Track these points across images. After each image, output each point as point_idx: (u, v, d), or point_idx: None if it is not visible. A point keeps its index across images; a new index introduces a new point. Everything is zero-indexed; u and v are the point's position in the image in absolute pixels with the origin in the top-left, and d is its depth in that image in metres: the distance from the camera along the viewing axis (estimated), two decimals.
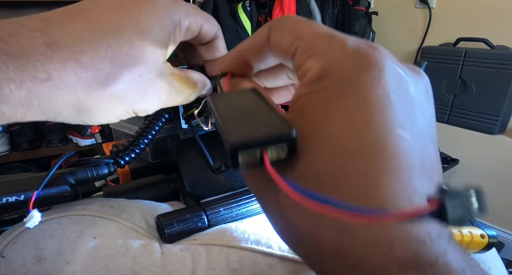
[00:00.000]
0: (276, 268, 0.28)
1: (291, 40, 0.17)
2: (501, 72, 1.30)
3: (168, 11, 0.22)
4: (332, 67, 0.15)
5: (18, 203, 0.27)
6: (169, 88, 0.23)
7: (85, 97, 0.20)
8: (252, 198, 0.34)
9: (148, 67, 0.21)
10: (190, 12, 0.23)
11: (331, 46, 0.15)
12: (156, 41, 0.21)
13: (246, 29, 1.72)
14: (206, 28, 0.25)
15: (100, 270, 0.26)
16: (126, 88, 0.21)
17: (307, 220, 0.14)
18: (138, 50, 0.20)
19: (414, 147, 0.14)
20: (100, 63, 0.19)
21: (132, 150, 0.33)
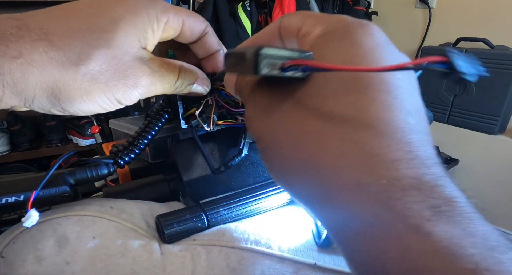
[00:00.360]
0: (276, 268, 0.28)
1: (299, 19, 0.19)
2: (501, 72, 1.29)
3: (142, 5, 0.22)
4: (332, 28, 0.18)
5: (18, 203, 0.28)
6: (149, 71, 0.23)
7: (58, 77, 0.20)
8: (251, 198, 0.34)
9: (122, 50, 0.21)
10: (168, 8, 0.23)
11: (332, 18, 0.18)
12: (130, 26, 0.22)
13: (246, 29, 1.72)
14: (189, 24, 0.25)
15: (99, 270, 0.26)
16: (101, 69, 0.21)
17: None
18: (110, 33, 0.21)
19: (404, 82, 0.16)
20: (71, 43, 0.20)
21: (132, 150, 0.33)
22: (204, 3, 1.70)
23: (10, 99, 0.19)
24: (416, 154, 0.14)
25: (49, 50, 0.19)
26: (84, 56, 0.20)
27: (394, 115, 0.15)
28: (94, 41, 0.20)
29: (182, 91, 0.27)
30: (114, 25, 0.21)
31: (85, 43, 0.20)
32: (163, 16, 0.23)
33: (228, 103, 0.31)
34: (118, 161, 0.32)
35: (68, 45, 0.20)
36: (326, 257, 0.30)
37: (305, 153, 0.16)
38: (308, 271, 0.28)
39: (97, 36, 0.20)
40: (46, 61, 0.19)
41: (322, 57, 0.17)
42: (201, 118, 0.32)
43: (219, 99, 0.31)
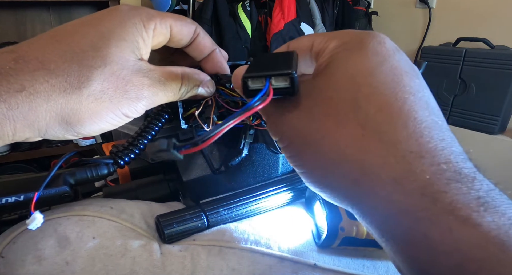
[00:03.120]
0: (276, 268, 0.28)
1: (308, 39, 0.21)
2: (501, 72, 1.29)
3: (127, 15, 0.23)
4: (346, 40, 0.19)
5: (18, 203, 0.28)
6: (150, 82, 0.23)
7: (65, 103, 0.20)
8: (251, 198, 0.34)
9: (118, 65, 0.22)
10: (153, 14, 0.24)
11: (341, 33, 0.20)
12: (121, 40, 0.22)
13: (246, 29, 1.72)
14: (177, 28, 0.25)
15: (99, 270, 0.26)
16: (103, 88, 0.21)
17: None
18: (104, 50, 0.21)
19: (422, 87, 0.18)
20: (69, 68, 0.20)
21: (132, 150, 0.33)
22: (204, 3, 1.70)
23: (23, 133, 0.20)
24: (451, 150, 0.15)
25: (49, 78, 0.19)
26: (84, 78, 0.20)
27: (425, 115, 0.16)
28: (90, 62, 0.21)
29: (188, 96, 0.27)
30: (105, 42, 0.21)
31: (82, 65, 0.20)
32: (150, 23, 0.23)
33: (228, 104, 0.31)
34: (118, 161, 0.32)
35: (66, 71, 0.20)
36: (326, 257, 0.30)
37: (346, 155, 0.17)
38: (307, 271, 0.28)
39: (92, 56, 0.21)
40: (49, 89, 0.19)
41: (345, 64, 0.18)
42: (201, 119, 0.32)
43: (219, 99, 0.31)
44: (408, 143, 0.16)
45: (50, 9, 1.88)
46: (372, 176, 0.16)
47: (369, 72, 0.17)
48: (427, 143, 0.15)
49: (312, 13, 1.73)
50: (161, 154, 0.18)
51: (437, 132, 0.16)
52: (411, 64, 0.19)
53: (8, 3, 1.74)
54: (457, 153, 0.16)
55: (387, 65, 0.18)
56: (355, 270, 0.29)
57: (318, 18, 1.73)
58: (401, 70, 0.18)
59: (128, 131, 0.46)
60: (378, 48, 0.18)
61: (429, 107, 0.17)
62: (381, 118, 0.16)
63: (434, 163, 0.15)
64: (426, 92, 0.18)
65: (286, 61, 0.19)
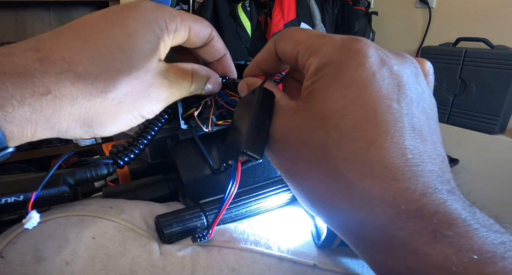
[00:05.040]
0: (275, 269, 0.28)
1: (292, 47, 0.21)
2: (501, 72, 1.29)
3: (151, 15, 0.22)
4: (326, 60, 0.18)
5: (18, 203, 0.28)
6: (169, 83, 0.23)
7: (89, 107, 0.20)
8: (251, 198, 0.34)
9: (143, 68, 0.21)
10: (175, 15, 0.23)
11: (323, 45, 0.19)
12: (146, 42, 0.22)
13: (246, 29, 1.72)
14: (195, 30, 0.25)
15: (99, 271, 0.26)
16: (127, 91, 0.21)
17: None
18: (130, 53, 0.21)
19: (402, 114, 0.17)
20: (96, 71, 0.19)
21: (131, 150, 0.33)
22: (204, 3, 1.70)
23: (43, 134, 0.19)
24: (416, 187, 0.16)
25: (76, 81, 0.19)
26: (109, 82, 0.20)
27: (392, 157, 0.16)
28: (117, 64, 0.20)
29: (196, 92, 0.27)
30: (131, 43, 0.21)
31: (108, 68, 0.20)
32: (172, 25, 0.23)
33: (228, 104, 0.31)
34: (118, 161, 0.32)
35: (93, 74, 0.19)
36: (326, 257, 0.30)
37: (320, 198, 0.19)
38: (307, 271, 0.28)
39: (119, 58, 0.20)
40: (75, 93, 0.19)
41: (320, 101, 0.18)
42: (200, 119, 0.32)
43: (218, 99, 0.31)
44: (372, 188, 0.16)
45: (50, 9, 1.88)
46: (344, 217, 0.18)
47: (340, 113, 0.17)
48: (390, 186, 0.16)
49: (312, 13, 1.73)
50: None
51: (403, 172, 0.16)
52: (397, 78, 0.18)
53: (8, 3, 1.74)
54: (422, 188, 0.16)
55: (361, 100, 0.17)
56: (354, 271, 0.29)
57: (318, 18, 1.73)
58: (378, 102, 0.17)
59: (128, 131, 0.46)
60: (356, 74, 0.17)
61: (403, 141, 0.17)
62: (348, 166, 0.17)
63: (395, 204, 0.16)
64: (406, 120, 0.17)
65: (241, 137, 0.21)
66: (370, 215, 0.17)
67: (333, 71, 0.18)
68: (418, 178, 0.16)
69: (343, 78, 0.18)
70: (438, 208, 0.16)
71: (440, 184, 0.16)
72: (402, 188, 0.16)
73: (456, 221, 0.15)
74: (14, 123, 0.18)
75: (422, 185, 0.16)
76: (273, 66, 0.24)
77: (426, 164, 0.17)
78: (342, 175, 0.17)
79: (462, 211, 0.16)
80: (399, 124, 0.17)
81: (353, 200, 0.17)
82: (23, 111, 0.18)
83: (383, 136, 0.17)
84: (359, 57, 0.18)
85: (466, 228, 0.15)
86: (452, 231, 0.15)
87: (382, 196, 0.16)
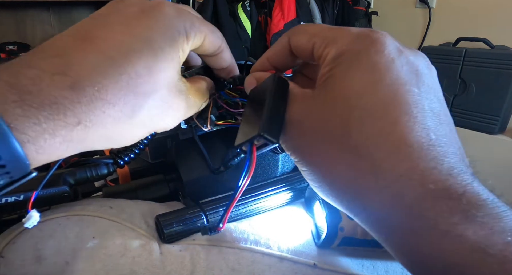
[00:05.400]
0: (275, 268, 0.28)
1: (307, 39, 0.21)
2: (501, 72, 1.29)
3: (174, 23, 0.21)
4: (344, 48, 0.19)
5: (18, 203, 0.28)
6: (186, 105, 0.23)
7: (116, 131, 0.20)
8: (251, 198, 0.34)
9: (167, 89, 0.21)
10: (195, 22, 0.22)
11: (341, 35, 0.19)
12: (170, 59, 0.21)
13: (246, 29, 1.72)
14: (210, 39, 0.24)
15: (99, 270, 0.26)
16: (150, 114, 0.21)
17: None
18: (156, 75, 0.20)
19: (422, 97, 0.17)
20: (125, 97, 0.19)
21: (132, 150, 0.33)
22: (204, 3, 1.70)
23: (68, 154, 0.19)
24: (442, 168, 0.16)
25: (106, 109, 0.19)
26: (137, 108, 0.20)
27: (417, 135, 0.17)
28: (144, 88, 0.20)
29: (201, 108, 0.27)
30: (158, 63, 0.20)
31: (136, 93, 0.19)
32: (191, 34, 0.22)
33: (228, 104, 0.31)
34: (118, 161, 0.32)
35: (122, 100, 0.19)
36: (326, 257, 0.30)
37: (342, 179, 0.18)
38: (307, 271, 0.28)
39: (146, 80, 0.20)
40: (104, 120, 0.19)
41: (341, 83, 0.18)
42: (199, 120, 0.32)
43: (218, 100, 0.31)
44: (399, 167, 0.16)
45: (50, 9, 1.88)
46: (366, 200, 0.17)
47: (362, 93, 0.18)
48: (416, 165, 0.16)
49: (312, 13, 1.73)
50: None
51: (428, 151, 0.16)
52: (414, 66, 0.18)
53: (8, 3, 1.74)
54: (448, 168, 0.16)
55: (382, 82, 0.17)
56: (354, 270, 0.29)
57: (318, 18, 1.73)
58: (398, 84, 0.17)
59: None
60: (375, 59, 0.18)
61: (425, 122, 0.17)
62: (372, 144, 0.17)
63: (423, 183, 0.16)
64: (426, 103, 0.18)
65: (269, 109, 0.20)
66: (396, 195, 0.16)
67: (352, 57, 0.18)
68: (443, 158, 0.16)
69: (363, 63, 0.18)
70: (465, 189, 0.16)
71: (464, 166, 0.17)
72: (429, 167, 0.16)
73: (485, 202, 0.15)
74: (44, 154, 0.18)
75: (447, 166, 0.16)
76: (285, 61, 0.24)
77: (448, 146, 0.17)
78: (366, 154, 0.17)
79: (488, 193, 0.16)
80: (420, 106, 0.17)
81: (378, 179, 0.17)
82: (53, 143, 0.17)
83: (406, 116, 0.17)
84: (378, 45, 0.18)
85: (496, 209, 0.15)
86: (482, 212, 0.15)
87: (409, 174, 0.16)
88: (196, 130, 0.37)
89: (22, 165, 0.17)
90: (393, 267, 0.30)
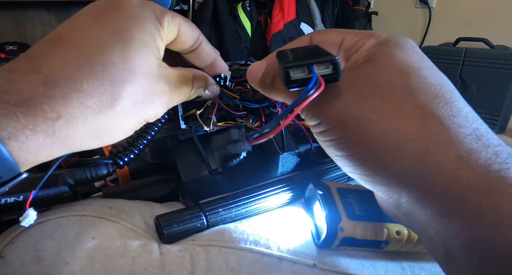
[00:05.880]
0: (275, 269, 0.28)
1: (338, 35, 0.22)
2: (501, 72, 1.30)
3: (141, 12, 0.22)
4: (383, 41, 0.20)
5: (17, 203, 0.28)
6: (169, 89, 0.23)
7: (99, 122, 0.20)
8: (251, 198, 0.34)
9: (146, 75, 0.21)
10: (165, 10, 0.23)
11: (373, 34, 0.21)
12: (144, 46, 0.21)
13: (246, 29, 1.72)
14: (185, 28, 0.24)
15: (98, 271, 0.26)
16: (132, 102, 0.21)
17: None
18: (131, 61, 0.20)
19: (437, 81, 0.19)
20: (101, 86, 0.19)
21: (131, 150, 0.33)
22: (204, 3, 1.70)
23: (57, 154, 0.19)
24: (495, 135, 0.18)
25: (84, 100, 0.19)
26: (116, 96, 0.20)
27: (468, 105, 0.19)
28: (120, 75, 0.20)
29: (194, 97, 0.27)
30: (130, 50, 0.20)
31: (113, 82, 0.20)
32: (164, 20, 0.22)
33: (229, 106, 0.31)
34: (118, 161, 0.32)
35: (99, 90, 0.19)
36: (325, 257, 0.30)
37: (409, 134, 0.18)
38: (307, 271, 0.28)
39: (121, 68, 0.20)
40: (85, 111, 0.19)
41: (390, 58, 0.19)
42: (202, 119, 0.32)
43: (219, 101, 0.31)
44: (465, 125, 0.17)
45: (50, 9, 1.88)
46: (438, 154, 0.17)
47: (415, 65, 0.19)
48: (479, 128, 0.17)
49: (312, 13, 1.73)
50: (231, 146, 0.18)
51: (481, 120, 0.18)
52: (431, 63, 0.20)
53: (8, 3, 1.74)
54: (500, 140, 0.18)
55: (427, 62, 0.19)
56: (354, 271, 0.29)
57: (318, 18, 1.73)
58: (436, 68, 0.20)
59: None
60: (415, 49, 0.20)
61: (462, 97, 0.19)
62: (438, 103, 0.18)
63: (491, 145, 0.17)
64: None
65: (321, 51, 0.20)
66: (470, 151, 0.16)
67: (394, 44, 0.20)
68: (490, 131, 0.18)
69: (407, 48, 0.20)
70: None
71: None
72: (488, 132, 0.17)
73: None
74: (29, 152, 0.18)
75: (493, 140, 0.17)
76: None
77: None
78: (434, 110, 0.18)
79: None
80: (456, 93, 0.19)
81: (450, 134, 0.17)
82: (36, 139, 0.18)
83: (455, 91, 0.19)
84: (413, 42, 0.21)
85: None
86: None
87: (475, 134, 0.17)
88: (195, 130, 0.37)
89: (7, 163, 0.17)
90: (393, 267, 0.30)
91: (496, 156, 0.16)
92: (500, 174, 0.16)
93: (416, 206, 0.18)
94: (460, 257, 0.16)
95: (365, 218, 0.29)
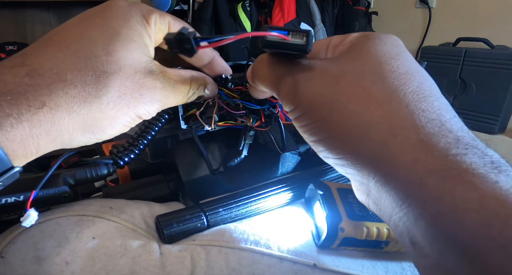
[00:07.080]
0: (275, 269, 0.28)
1: (326, 39, 0.23)
2: (501, 72, 1.29)
3: (129, 13, 0.22)
4: (365, 35, 0.21)
5: (18, 203, 0.28)
6: (162, 85, 0.23)
7: (86, 113, 0.20)
8: (251, 198, 0.34)
9: (132, 68, 0.21)
10: (152, 9, 0.24)
11: (358, 33, 0.22)
12: (129, 41, 0.22)
13: (246, 29, 1.72)
14: (175, 26, 0.25)
15: (99, 271, 0.26)
16: (120, 93, 0.21)
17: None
18: (116, 54, 0.21)
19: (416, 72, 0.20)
20: (85, 77, 0.20)
21: (132, 150, 0.33)
22: (204, 3, 1.70)
23: (47, 148, 0.20)
24: (462, 124, 0.18)
25: (68, 90, 0.19)
26: (101, 86, 0.20)
27: (439, 94, 0.19)
28: (105, 67, 0.20)
29: (194, 99, 0.27)
30: (115, 45, 0.21)
31: (98, 72, 0.20)
32: (151, 18, 0.23)
33: (229, 105, 0.31)
34: (118, 161, 0.32)
35: (83, 80, 0.19)
36: (326, 257, 0.30)
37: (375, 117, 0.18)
38: (307, 271, 0.28)
39: (105, 61, 0.20)
40: (70, 101, 0.19)
41: (368, 48, 0.20)
42: (202, 119, 0.32)
43: (219, 101, 0.31)
44: (430, 112, 0.18)
45: (50, 9, 1.88)
46: (401, 137, 0.17)
47: (390, 56, 0.20)
48: (443, 114, 0.18)
49: (312, 13, 1.73)
50: (179, 42, 0.19)
51: (449, 109, 0.18)
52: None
53: (8, 3, 1.74)
54: (466, 127, 0.18)
55: (404, 55, 0.20)
56: (354, 271, 0.29)
57: (318, 18, 1.73)
58: (415, 62, 0.20)
59: (128, 131, 0.46)
60: (395, 42, 0.21)
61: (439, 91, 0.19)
62: (406, 89, 0.18)
63: (453, 130, 0.17)
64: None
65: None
66: (431, 135, 0.17)
67: (374, 38, 0.21)
68: (457, 119, 0.18)
69: (386, 41, 0.21)
70: (486, 144, 0.17)
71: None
72: (453, 119, 0.18)
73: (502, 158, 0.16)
74: (16, 141, 0.18)
75: (457, 126, 0.18)
76: None
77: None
78: (400, 96, 0.18)
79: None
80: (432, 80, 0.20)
81: (414, 119, 0.17)
82: (22, 128, 0.18)
83: (428, 81, 0.19)
84: (394, 37, 0.22)
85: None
86: (505, 165, 0.16)
87: (439, 120, 0.17)
88: (196, 130, 0.37)
89: None
90: (393, 267, 0.30)
91: (457, 141, 0.16)
92: (457, 158, 0.16)
93: (381, 191, 0.18)
94: (423, 244, 0.16)
95: (365, 218, 0.29)
